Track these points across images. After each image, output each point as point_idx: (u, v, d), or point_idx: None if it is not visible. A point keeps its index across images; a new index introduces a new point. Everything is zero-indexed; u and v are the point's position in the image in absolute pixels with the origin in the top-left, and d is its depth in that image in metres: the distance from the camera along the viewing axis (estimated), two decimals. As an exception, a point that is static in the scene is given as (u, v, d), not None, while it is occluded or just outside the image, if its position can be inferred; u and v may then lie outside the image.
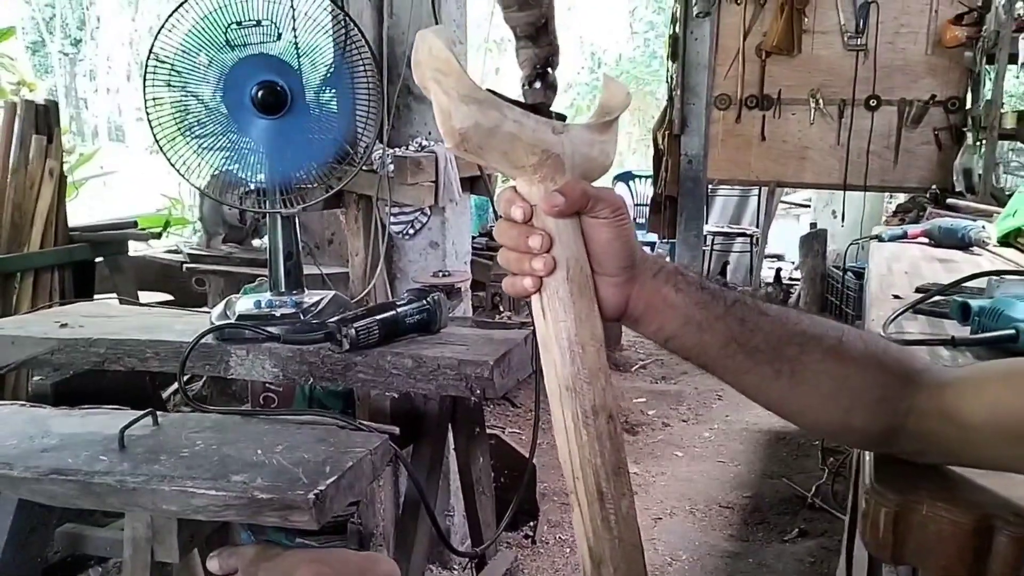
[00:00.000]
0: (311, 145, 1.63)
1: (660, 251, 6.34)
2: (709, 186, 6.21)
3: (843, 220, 5.92)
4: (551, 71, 2.03)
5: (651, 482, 3.27)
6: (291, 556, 0.89)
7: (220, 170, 1.61)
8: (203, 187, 1.65)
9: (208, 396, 2.55)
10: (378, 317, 1.52)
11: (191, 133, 1.57)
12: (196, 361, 1.53)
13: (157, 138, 1.56)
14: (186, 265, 3.31)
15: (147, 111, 1.54)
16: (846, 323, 0.77)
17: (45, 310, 2.06)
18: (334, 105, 1.67)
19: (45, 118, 2.83)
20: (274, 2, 1.54)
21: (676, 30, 5.83)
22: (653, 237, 6.46)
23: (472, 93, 0.61)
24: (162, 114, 1.56)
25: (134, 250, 3.38)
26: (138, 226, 3.33)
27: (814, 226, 6.56)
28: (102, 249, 3.06)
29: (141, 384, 1.84)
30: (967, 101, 5.30)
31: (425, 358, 1.46)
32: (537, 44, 1.98)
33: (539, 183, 0.65)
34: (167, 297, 3.54)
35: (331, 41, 1.64)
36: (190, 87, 1.56)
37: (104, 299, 2.84)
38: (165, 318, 1.82)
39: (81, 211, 5.04)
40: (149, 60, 1.52)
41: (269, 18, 1.54)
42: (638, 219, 7.07)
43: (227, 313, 1.63)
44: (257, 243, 3.53)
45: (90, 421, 1.33)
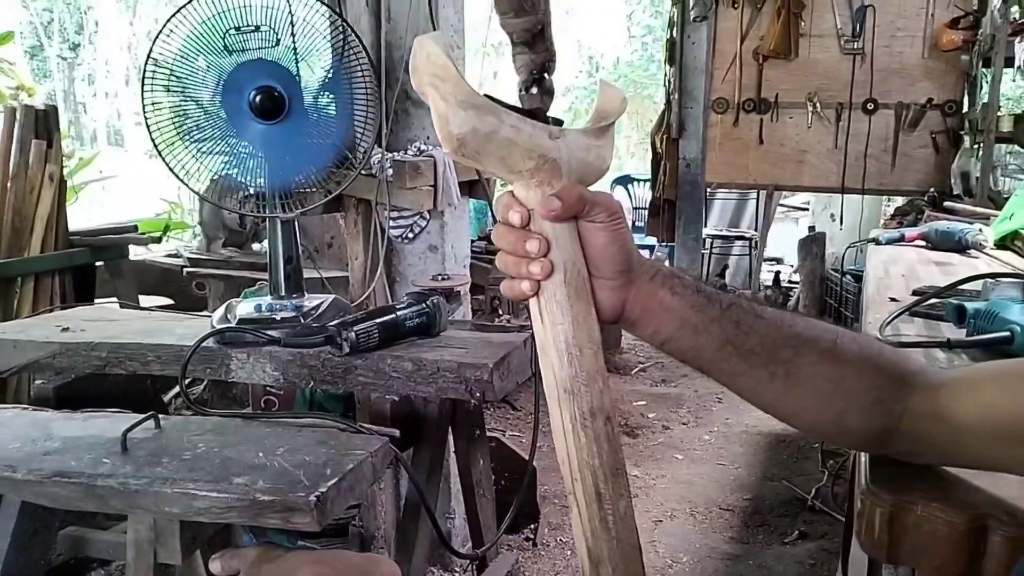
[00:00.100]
0: (310, 149, 1.63)
1: (659, 254, 6.34)
2: (707, 189, 6.21)
3: (841, 223, 5.93)
4: (548, 76, 2.04)
5: (651, 485, 3.27)
6: (293, 558, 0.89)
7: (219, 174, 1.62)
8: (202, 191, 1.65)
9: (209, 399, 2.55)
10: (378, 320, 1.53)
11: (190, 137, 1.57)
12: (197, 364, 1.54)
13: (156, 142, 1.56)
14: (186, 269, 3.31)
15: (145, 115, 1.54)
16: (845, 326, 0.77)
17: (46, 314, 2.06)
18: (333, 110, 1.68)
19: (45, 123, 2.83)
20: (273, 8, 1.54)
21: (673, 34, 5.84)
22: (652, 241, 6.46)
23: (469, 99, 0.62)
24: (161, 118, 1.56)
25: (134, 254, 3.38)
26: (138, 230, 3.34)
27: (812, 229, 6.57)
28: (102, 253, 3.06)
29: (142, 388, 1.84)
30: (964, 104, 5.31)
31: (425, 361, 1.46)
32: (534, 50, 1.98)
33: (536, 187, 0.65)
34: (167, 301, 3.54)
35: (329, 46, 1.65)
36: (189, 91, 1.56)
37: (104, 303, 2.85)
38: (166, 322, 1.83)
39: (80, 215, 5.04)
40: (147, 64, 1.52)
41: (268, 24, 1.55)
42: (637, 222, 7.08)
43: (228, 317, 1.64)
44: (257, 247, 3.52)
45: (92, 424, 1.34)
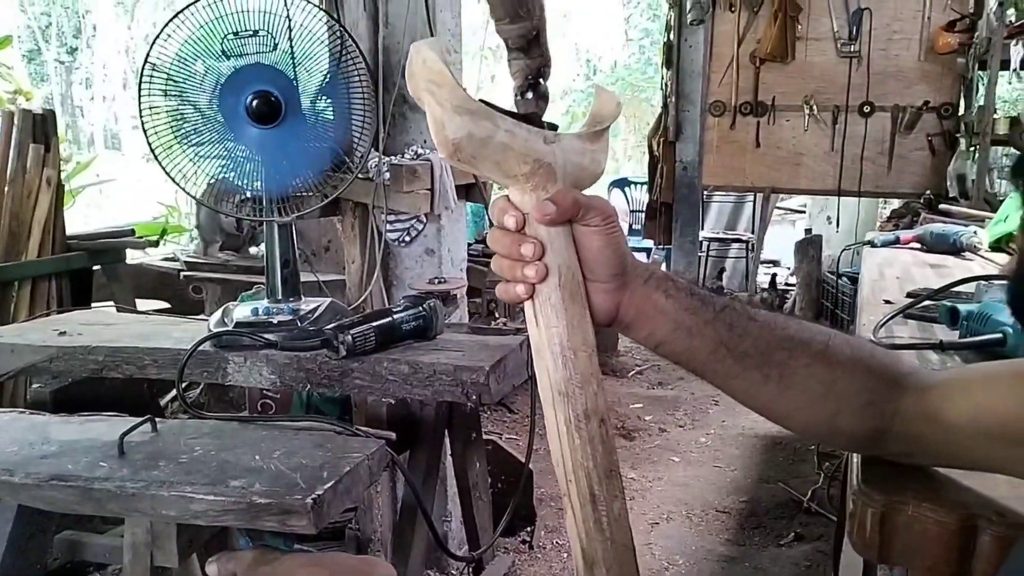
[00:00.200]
0: (307, 153, 1.64)
1: (656, 257, 6.35)
2: (704, 192, 6.22)
3: (838, 226, 5.95)
4: (543, 82, 2.06)
5: (648, 487, 3.27)
6: (289, 560, 0.90)
7: (216, 178, 1.62)
8: (199, 195, 1.65)
9: (206, 403, 2.56)
10: (374, 324, 1.53)
11: (187, 141, 1.57)
12: (194, 368, 1.54)
13: (152, 146, 1.55)
14: (183, 273, 3.31)
15: (142, 119, 1.54)
16: (841, 328, 0.78)
17: (43, 318, 2.06)
18: (330, 114, 1.68)
19: (43, 127, 2.83)
20: (270, 13, 1.55)
21: (670, 38, 5.85)
22: (649, 243, 6.47)
23: (465, 104, 0.62)
24: (158, 122, 1.56)
25: (131, 258, 3.37)
26: (135, 234, 3.33)
27: (809, 232, 6.58)
28: (99, 257, 3.05)
29: (139, 391, 1.84)
30: (960, 107, 5.33)
31: (421, 364, 1.46)
32: (529, 55, 2.00)
33: (531, 192, 0.65)
34: (164, 305, 3.54)
35: (327, 51, 1.65)
36: (186, 95, 1.56)
37: (101, 307, 2.85)
38: (163, 326, 1.83)
39: (77, 219, 5.04)
40: (145, 68, 1.52)
41: (266, 28, 1.55)
42: (634, 225, 7.09)
43: (225, 320, 1.64)
44: (254, 251, 3.52)
45: (89, 428, 1.34)
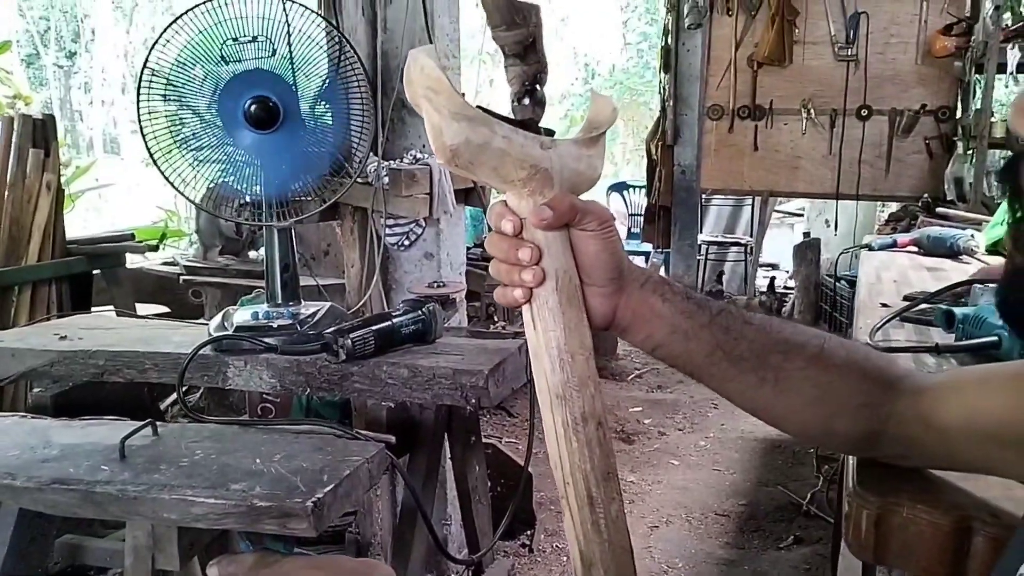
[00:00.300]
0: (306, 158, 1.64)
1: (655, 261, 6.35)
2: (703, 196, 6.23)
3: (836, 229, 5.95)
4: (539, 88, 2.06)
5: (647, 491, 3.28)
6: (290, 563, 0.91)
7: (216, 183, 1.62)
8: (198, 200, 1.65)
9: (205, 407, 2.56)
10: (374, 328, 1.53)
11: (187, 146, 1.57)
12: (194, 372, 1.54)
13: (151, 151, 1.55)
14: (183, 277, 3.31)
15: (140, 124, 1.53)
16: (839, 331, 0.79)
17: (43, 323, 2.07)
18: (329, 118, 1.68)
19: (42, 132, 2.84)
20: (269, 19, 1.55)
21: (668, 41, 5.86)
22: (648, 247, 6.48)
23: (462, 110, 0.63)
24: (157, 127, 1.55)
25: (131, 262, 3.38)
26: (135, 238, 3.34)
27: (807, 235, 6.58)
28: (99, 262, 3.06)
29: (139, 395, 1.85)
30: (957, 110, 5.34)
31: (421, 368, 1.47)
32: (525, 62, 2.01)
33: (528, 197, 0.66)
34: (163, 309, 3.55)
35: (326, 56, 1.66)
36: (186, 99, 1.56)
37: (101, 311, 2.85)
38: (163, 330, 1.83)
39: (77, 224, 5.05)
40: (144, 73, 1.52)
41: (265, 34, 1.56)
42: (633, 229, 7.09)
43: (225, 324, 1.64)
44: (253, 255, 3.53)
45: (90, 432, 1.34)
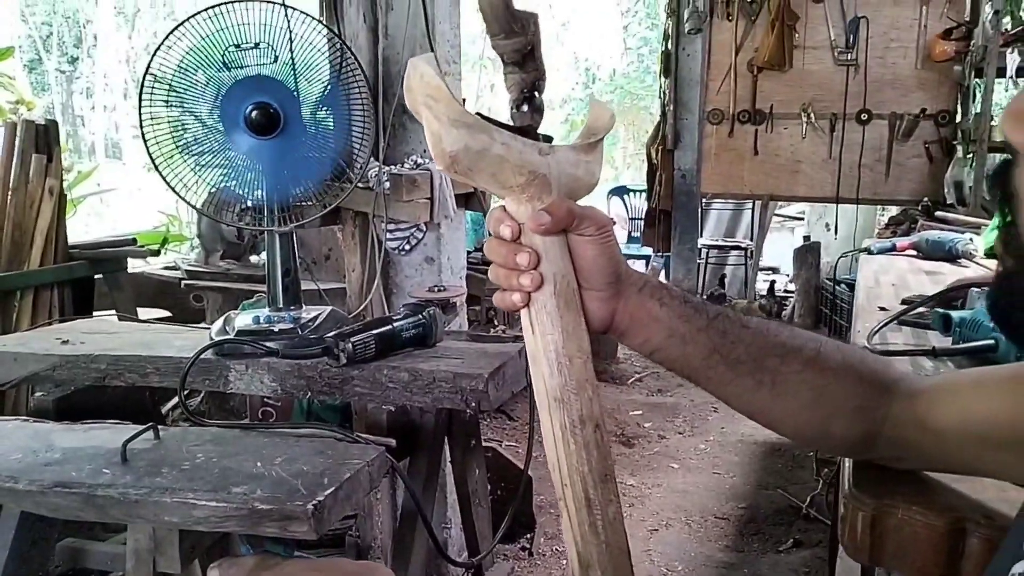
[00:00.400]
0: (308, 163, 1.65)
1: (655, 265, 6.35)
2: (703, 200, 6.24)
3: (836, 233, 5.96)
4: (538, 95, 2.08)
5: (647, 494, 3.28)
6: (290, 565, 0.92)
7: (217, 187, 1.63)
8: (200, 204, 1.66)
9: (206, 411, 2.57)
10: (375, 332, 1.54)
11: (188, 151, 1.58)
12: (196, 376, 1.55)
13: (153, 156, 1.55)
14: (184, 281, 3.31)
15: (142, 129, 1.54)
16: (839, 334, 0.80)
17: (45, 327, 2.08)
18: (330, 124, 1.69)
19: (45, 137, 2.85)
20: (271, 26, 1.56)
21: (668, 46, 5.88)
22: (648, 251, 6.48)
23: (461, 118, 0.64)
24: (159, 132, 1.56)
25: (132, 267, 3.38)
26: (136, 243, 3.35)
27: (808, 239, 6.59)
28: (101, 266, 3.07)
29: (140, 399, 1.86)
30: (957, 114, 5.35)
31: (421, 371, 1.47)
32: (524, 69, 2.03)
33: (527, 202, 0.67)
34: (165, 313, 3.55)
35: (328, 62, 1.67)
36: (188, 105, 1.57)
37: (103, 316, 2.86)
38: (164, 334, 1.84)
39: (79, 228, 5.06)
40: (146, 78, 1.52)
41: (267, 41, 1.56)
42: (633, 233, 7.10)
43: (226, 329, 1.65)
44: (255, 259, 3.53)
45: (92, 435, 1.35)
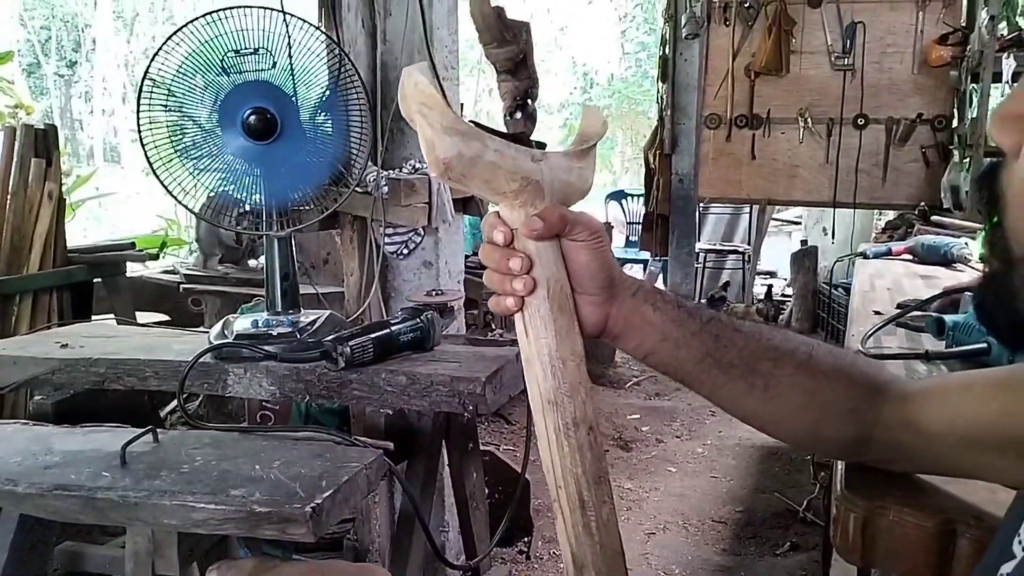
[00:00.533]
0: (306, 168, 1.65)
1: (653, 269, 6.36)
2: (700, 204, 6.25)
3: (833, 237, 5.96)
4: (531, 102, 2.10)
5: (644, 497, 3.28)
6: (288, 568, 0.92)
7: (216, 192, 1.64)
8: (199, 209, 1.66)
9: (205, 415, 2.57)
10: (373, 335, 1.55)
11: (187, 155, 1.58)
12: (195, 380, 1.55)
13: (151, 160, 1.55)
14: (183, 285, 3.31)
15: (140, 133, 1.54)
16: (836, 338, 0.81)
17: (45, 331, 2.08)
18: (328, 128, 1.70)
19: (44, 142, 2.86)
20: (270, 32, 1.57)
21: (666, 51, 5.89)
22: (646, 255, 6.49)
23: (455, 125, 0.65)
24: (158, 136, 1.56)
25: (131, 271, 3.39)
26: (135, 247, 3.35)
27: (805, 243, 6.61)
28: (100, 270, 3.07)
29: (139, 403, 1.86)
30: (953, 119, 5.36)
31: (419, 375, 1.48)
32: (517, 77, 2.05)
33: (520, 208, 0.68)
34: (163, 317, 3.55)
35: (326, 67, 1.68)
36: (186, 109, 1.57)
37: (102, 320, 2.87)
38: (163, 338, 1.85)
39: (77, 232, 5.07)
40: (144, 82, 1.52)
41: (265, 47, 1.57)
42: (631, 237, 7.11)
43: (225, 332, 1.66)
44: (253, 263, 3.54)
45: (92, 439, 1.36)
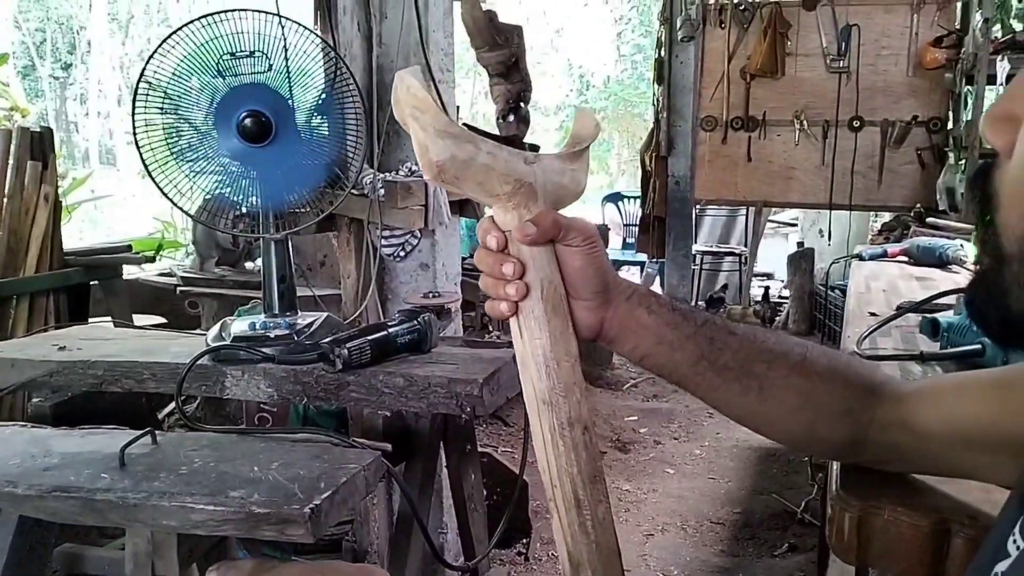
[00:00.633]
0: (302, 170, 1.66)
1: (649, 271, 6.37)
2: (697, 206, 6.26)
3: (830, 239, 5.98)
4: (523, 105, 2.11)
5: (643, 499, 3.29)
6: (288, 569, 0.92)
7: (212, 194, 1.64)
8: (194, 211, 1.66)
9: (203, 417, 2.57)
10: (370, 337, 1.55)
11: (183, 157, 1.58)
12: (192, 382, 1.55)
13: (147, 162, 1.55)
14: (179, 288, 3.32)
15: (136, 135, 1.53)
16: (833, 340, 0.81)
17: (42, 333, 2.08)
18: (325, 131, 1.71)
19: (40, 144, 2.86)
20: (266, 35, 1.57)
21: (662, 54, 5.90)
22: (642, 257, 6.50)
23: (448, 128, 0.65)
24: (153, 138, 1.56)
25: (127, 273, 3.39)
26: (132, 250, 3.35)
27: (801, 245, 6.62)
28: (96, 273, 3.07)
29: (137, 405, 1.86)
30: (948, 121, 5.38)
31: (416, 377, 1.48)
32: (509, 81, 2.05)
33: (513, 211, 0.68)
34: (160, 320, 3.56)
35: (322, 69, 1.68)
36: (182, 111, 1.57)
37: (99, 322, 2.87)
38: (161, 340, 1.85)
39: (73, 235, 5.07)
40: (140, 85, 1.52)
41: (261, 50, 1.57)
42: (627, 239, 7.12)
43: (222, 335, 1.66)
44: (250, 266, 3.54)
45: (90, 440, 1.36)
